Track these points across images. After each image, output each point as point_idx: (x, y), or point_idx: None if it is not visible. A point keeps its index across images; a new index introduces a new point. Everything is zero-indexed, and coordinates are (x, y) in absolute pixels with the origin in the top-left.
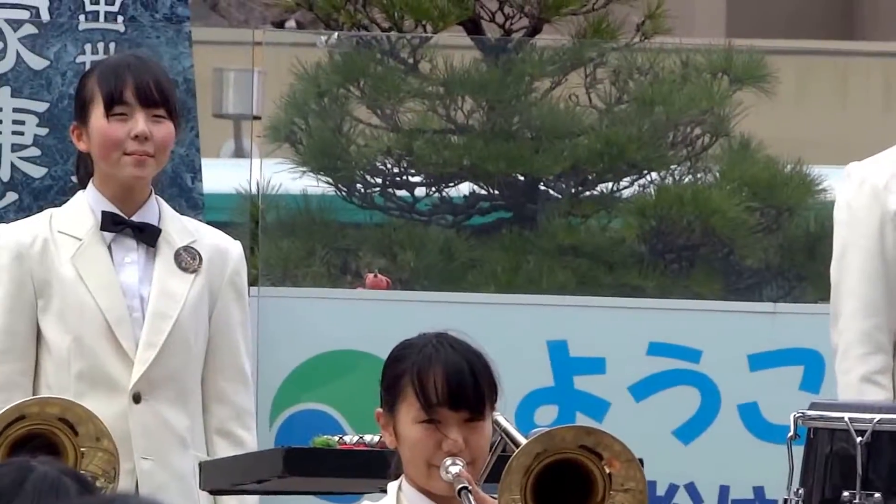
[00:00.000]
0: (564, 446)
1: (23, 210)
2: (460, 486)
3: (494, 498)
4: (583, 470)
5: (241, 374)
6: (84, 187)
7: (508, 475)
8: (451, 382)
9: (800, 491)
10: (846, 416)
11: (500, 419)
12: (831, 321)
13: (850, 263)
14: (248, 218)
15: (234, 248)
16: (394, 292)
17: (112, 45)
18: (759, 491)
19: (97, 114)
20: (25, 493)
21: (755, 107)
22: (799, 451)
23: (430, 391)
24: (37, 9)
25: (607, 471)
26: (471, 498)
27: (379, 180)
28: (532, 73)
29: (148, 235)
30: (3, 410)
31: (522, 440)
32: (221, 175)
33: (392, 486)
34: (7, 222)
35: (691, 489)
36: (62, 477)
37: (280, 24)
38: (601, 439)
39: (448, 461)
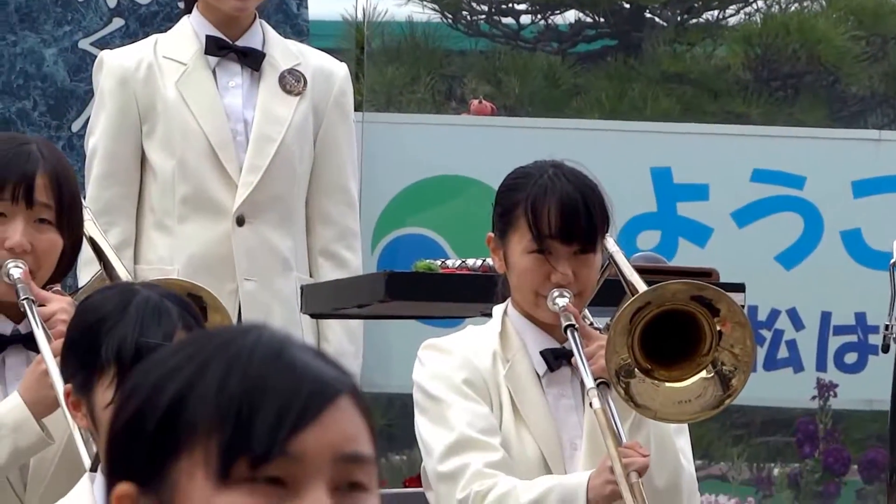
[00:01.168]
0: (675, 300)
1: (129, 36)
2: (567, 323)
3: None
4: (692, 322)
5: (345, 195)
6: (189, 12)
7: (611, 340)
8: (564, 216)
9: None
10: None
11: (612, 245)
12: None
13: None
14: (353, 44)
15: (339, 70)
16: (498, 118)
17: None
18: (860, 317)
19: None
20: (129, 315)
21: None
22: None
23: (542, 223)
24: None
25: (718, 328)
26: (576, 336)
27: (485, 7)
28: None
29: (252, 59)
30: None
31: (636, 277)
32: (327, 1)
33: (498, 310)
34: (113, 48)
35: (793, 314)
36: (164, 301)
37: None
38: (717, 297)
39: (556, 293)
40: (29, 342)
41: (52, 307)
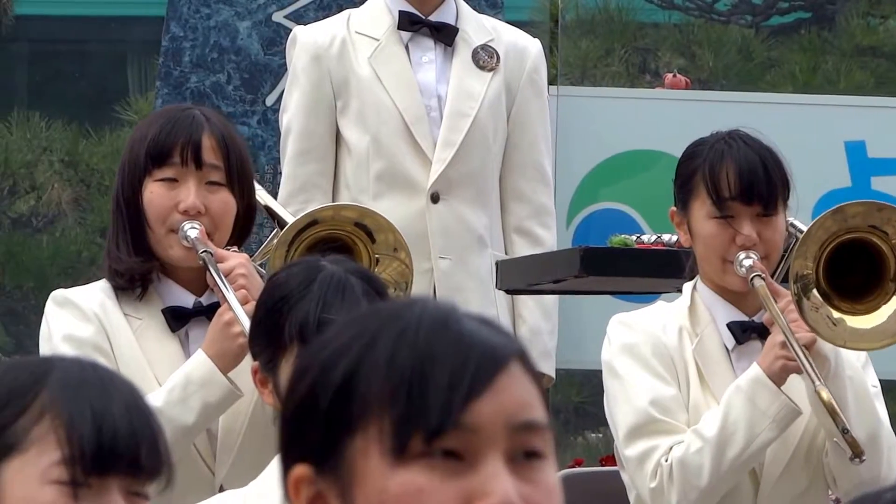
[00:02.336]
0: (856, 224)
1: (322, 9)
2: (753, 274)
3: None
4: (873, 250)
5: (540, 173)
6: None
7: (805, 244)
8: (742, 177)
9: None
10: None
11: (795, 222)
12: None
13: None
14: (547, 17)
15: (532, 46)
16: (693, 92)
17: None
18: None
19: None
20: (312, 292)
21: None
22: None
23: (722, 186)
24: None
25: None
26: (765, 285)
27: None
28: None
29: (445, 34)
30: (296, 217)
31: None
32: None
33: (687, 286)
34: (307, 21)
35: None
36: (349, 277)
37: None
38: (892, 216)
39: (742, 255)
40: (211, 314)
41: (230, 263)
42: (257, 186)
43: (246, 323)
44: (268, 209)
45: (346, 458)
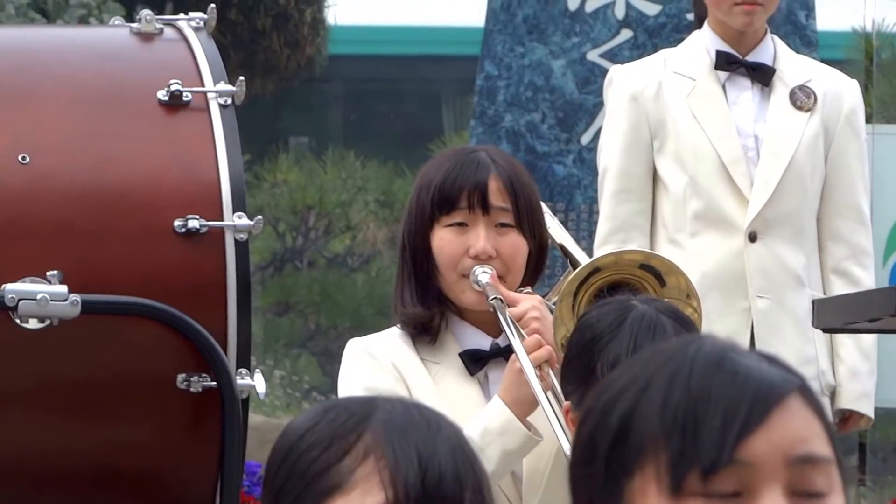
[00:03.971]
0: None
1: (637, 48)
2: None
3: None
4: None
5: (858, 213)
6: (700, 28)
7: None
8: None
9: None
10: None
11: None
12: None
13: None
14: (862, 55)
15: (850, 87)
16: None
17: None
18: None
19: None
20: (623, 331)
21: None
22: None
23: None
24: None
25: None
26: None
27: None
28: None
29: (762, 74)
30: (578, 269)
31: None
32: (836, 12)
33: None
34: (621, 60)
35: None
36: (660, 316)
37: None
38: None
39: None
40: (509, 354)
41: (522, 307)
42: (553, 223)
43: (530, 371)
44: (561, 247)
45: (626, 499)
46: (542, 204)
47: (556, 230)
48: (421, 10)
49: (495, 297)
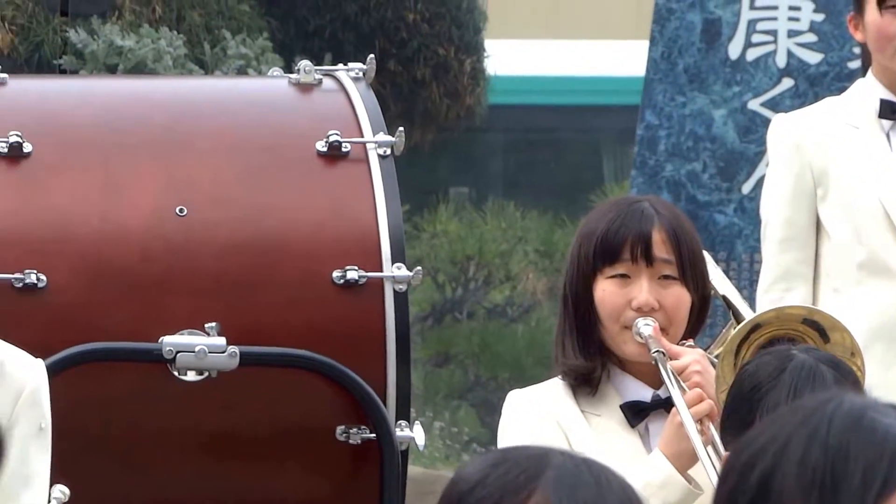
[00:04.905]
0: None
1: (798, 97)
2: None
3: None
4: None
5: None
6: (864, 75)
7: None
8: None
9: None
10: None
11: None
12: None
13: None
14: None
15: None
16: None
17: None
18: None
19: (871, 6)
20: (783, 381)
21: None
22: None
23: None
24: None
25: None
26: None
27: None
28: None
29: None
30: (739, 327)
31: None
32: None
33: None
34: (783, 109)
35: None
36: (819, 365)
37: None
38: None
39: None
40: (670, 406)
41: (684, 360)
42: (716, 273)
43: (690, 426)
44: (724, 299)
45: None
46: (705, 253)
47: (720, 281)
48: (580, 60)
49: (657, 350)
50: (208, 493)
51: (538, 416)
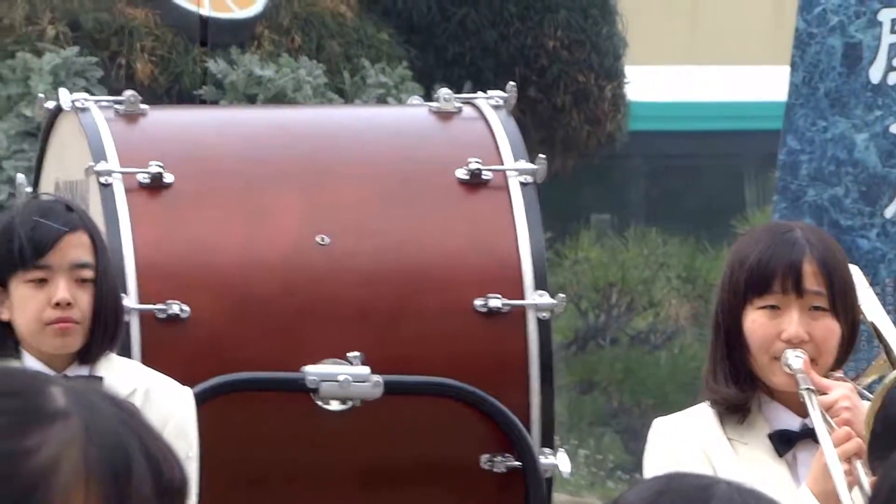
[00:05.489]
0: None
1: None
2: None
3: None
4: None
5: None
6: None
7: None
8: None
9: None
10: None
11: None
12: None
13: None
14: None
15: None
16: None
17: None
18: None
19: None
20: None
21: None
22: None
23: None
24: None
25: None
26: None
27: None
28: None
29: None
30: (889, 378)
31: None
32: None
33: None
34: None
35: None
36: None
37: None
38: None
39: None
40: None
41: (833, 395)
42: (870, 303)
43: (836, 470)
44: (874, 327)
45: None
46: (860, 273)
47: (871, 306)
48: (721, 85)
49: (806, 388)
50: None
51: (684, 443)
